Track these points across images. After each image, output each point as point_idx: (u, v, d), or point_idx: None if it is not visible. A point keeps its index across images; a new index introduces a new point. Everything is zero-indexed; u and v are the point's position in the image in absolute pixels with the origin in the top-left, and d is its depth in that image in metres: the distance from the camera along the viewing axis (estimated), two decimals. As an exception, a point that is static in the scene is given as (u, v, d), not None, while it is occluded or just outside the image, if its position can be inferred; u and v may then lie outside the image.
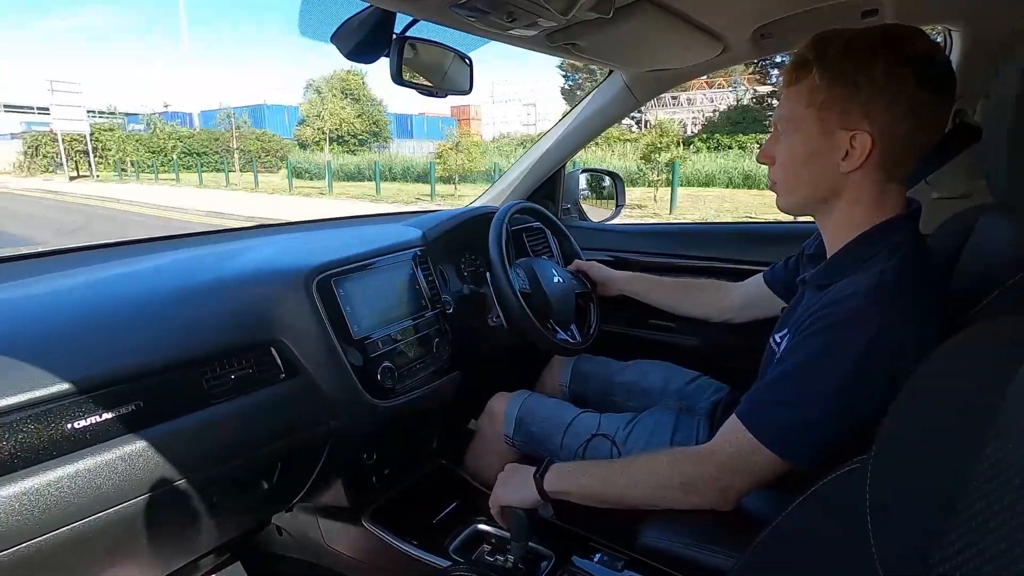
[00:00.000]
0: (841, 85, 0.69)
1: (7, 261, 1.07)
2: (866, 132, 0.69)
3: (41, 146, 26.55)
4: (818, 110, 0.71)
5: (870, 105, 0.68)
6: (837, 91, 0.69)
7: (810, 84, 0.71)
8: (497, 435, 1.17)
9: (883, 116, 0.68)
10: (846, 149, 0.70)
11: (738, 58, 1.24)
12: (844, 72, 0.69)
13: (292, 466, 0.96)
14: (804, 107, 0.72)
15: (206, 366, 0.83)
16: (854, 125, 0.69)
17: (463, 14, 0.82)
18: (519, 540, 0.85)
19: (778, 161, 0.78)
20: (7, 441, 0.64)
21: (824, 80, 0.70)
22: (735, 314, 1.20)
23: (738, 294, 1.20)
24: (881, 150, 0.69)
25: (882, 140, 0.69)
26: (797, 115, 0.73)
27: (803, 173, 0.76)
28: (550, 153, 1.63)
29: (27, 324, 0.77)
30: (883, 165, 0.71)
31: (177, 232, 1.40)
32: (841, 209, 0.76)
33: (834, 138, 0.71)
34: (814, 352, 0.70)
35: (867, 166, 0.71)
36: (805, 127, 0.73)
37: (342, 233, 1.32)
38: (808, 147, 0.74)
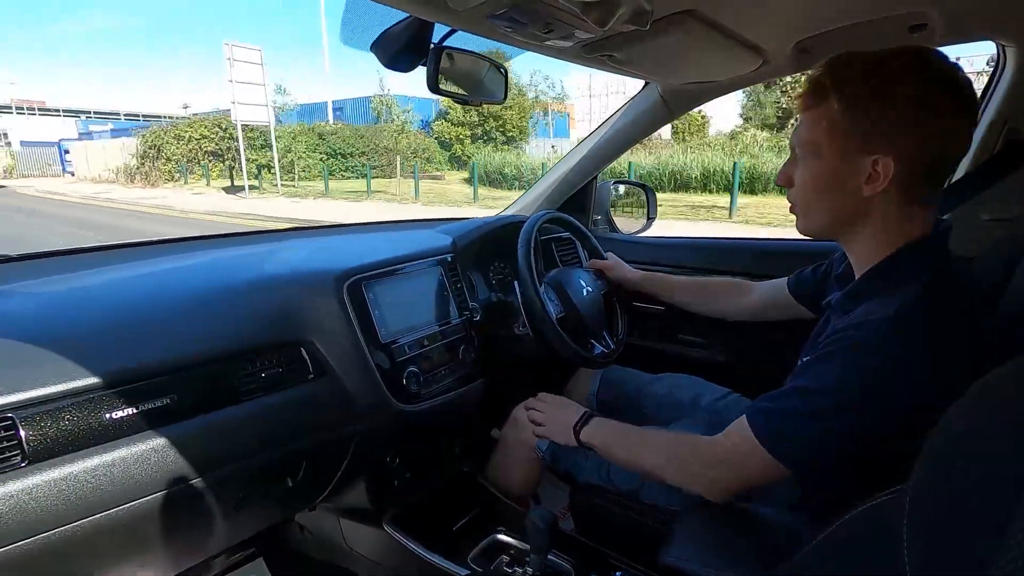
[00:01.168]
0: (862, 111, 0.68)
1: (53, 256, 1.12)
2: (889, 156, 0.67)
3: (165, 146, 20.12)
4: (840, 136, 0.70)
5: (892, 130, 0.67)
6: (859, 117, 0.68)
7: (829, 110, 0.70)
8: (521, 444, 1.16)
9: (905, 140, 0.67)
10: (868, 173, 0.69)
11: (777, 72, 1.22)
12: (864, 98, 0.68)
13: (317, 465, 0.98)
14: (824, 133, 0.71)
15: (238, 363, 0.85)
16: (876, 150, 0.68)
17: (500, 25, 0.83)
18: (539, 553, 0.85)
19: (797, 184, 0.77)
20: (50, 428, 0.67)
21: (844, 106, 0.69)
22: (752, 315, 1.19)
23: (757, 296, 1.19)
24: (903, 173, 0.68)
25: (904, 163, 0.67)
26: (816, 140, 0.72)
27: (824, 198, 0.74)
28: (582, 164, 1.63)
29: (71, 317, 0.81)
30: (906, 187, 0.69)
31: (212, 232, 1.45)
32: (864, 232, 0.74)
33: (855, 163, 0.70)
34: (827, 371, 0.69)
35: (890, 189, 0.69)
36: (825, 152, 0.72)
37: (373, 238, 1.35)
38: (829, 172, 0.72)
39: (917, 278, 0.68)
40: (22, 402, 0.65)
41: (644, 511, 0.99)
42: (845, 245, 0.79)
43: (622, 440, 0.92)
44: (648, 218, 1.78)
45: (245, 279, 0.98)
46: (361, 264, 1.03)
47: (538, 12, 0.77)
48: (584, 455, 1.06)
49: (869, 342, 0.66)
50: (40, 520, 0.64)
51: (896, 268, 0.71)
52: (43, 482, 0.64)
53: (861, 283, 0.75)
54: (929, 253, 0.71)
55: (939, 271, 0.69)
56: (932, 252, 0.71)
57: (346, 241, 1.40)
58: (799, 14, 0.93)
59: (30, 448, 0.65)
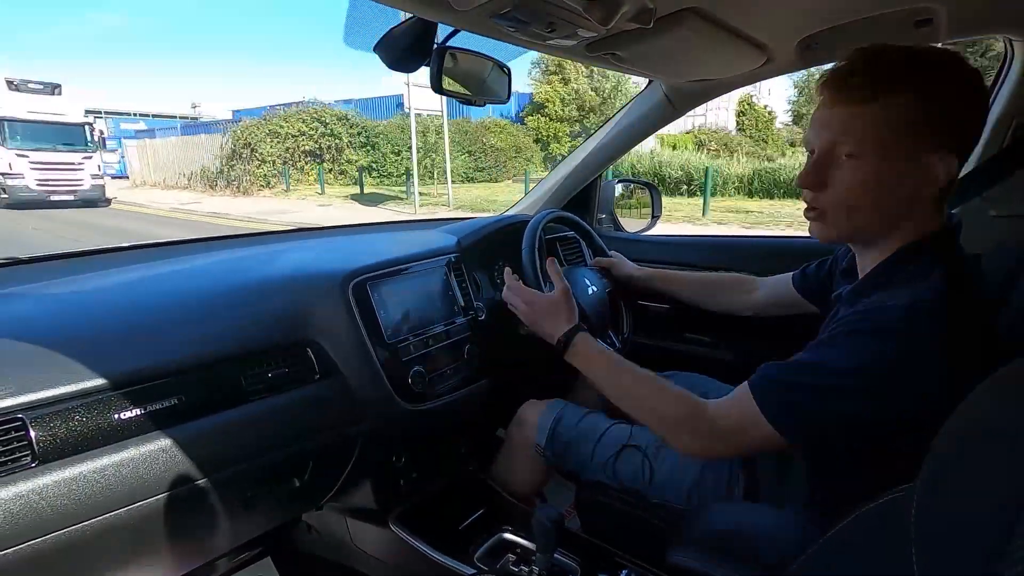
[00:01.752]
0: (939, 106, 0.65)
1: (62, 259, 1.13)
2: (953, 154, 0.66)
3: (259, 144, 16.05)
4: (912, 132, 0.66)
5: (959, 126, 0.67)
6: (935, 113, 0.65)
7: (900, 104, 0.66)
8: (527, 443, 1.16)
9: (962, 135, 0.67)
10: (934, 173, 0.67)
11: (782, 68, 1.21)
12: (940, 92, 0.65)
13: (323, 465, 0.98)
14: (891, 129, 0.66)
15: (245, 364, 0.85)
16: (943, 147, 0.66)
17: (503, 24, 0.83)
18: (545, 552, 0.85)
19: (837, 187, 0.71)
20: (60, 428, 0.67)
21: (920, 100, 0.65)
22: (757, 310, 1.19)
23: (762, 291, 1.19)
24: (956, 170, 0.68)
25: (961, 160, 0.67)
26: (882, 138, 0.67)
27: (877, 200, 0.70)
28: (586, 162, 1.63)
29: (80, 319, 0.82)
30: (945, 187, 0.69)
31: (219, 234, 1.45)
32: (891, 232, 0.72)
33: (922, 162, 0.67)
34: (840, 351, 0.68)
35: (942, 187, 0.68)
36: (891, 151, 0.67)
37: (378, 238, 1.35)
38: (890, 173, 0.68)
39: (930, 273, 0.67)
40: (32, 403, 0.66)
41: (651, 510, 0.99)
42: (855, 244, 0.78)
43: (611, 376, 0.89)
44: (652, 216, 1.78)
45: (251, 280, 0.98)
46: (366, 264, 1.04)
47: (541, 11, 0.77)
48: (590, 454, 1.06)
49: (885, 326, 0.65)
50: (50, 520, 0.65)
51: (908, 262, 0.70)
52: (53, 482, 0.65)
53: (871, 277, 0.74)
54: (940, 248, 0.70)
55: (953, 268, 0.68)
56: (944, 248, 0.70)
57: (351, 242, 1.41)
58: (803, 10, 0.92)
59: (40, 448, 0.65)
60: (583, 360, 0.93)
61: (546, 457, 1.13)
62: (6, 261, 1.05)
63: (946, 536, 0.38)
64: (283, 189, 16.14)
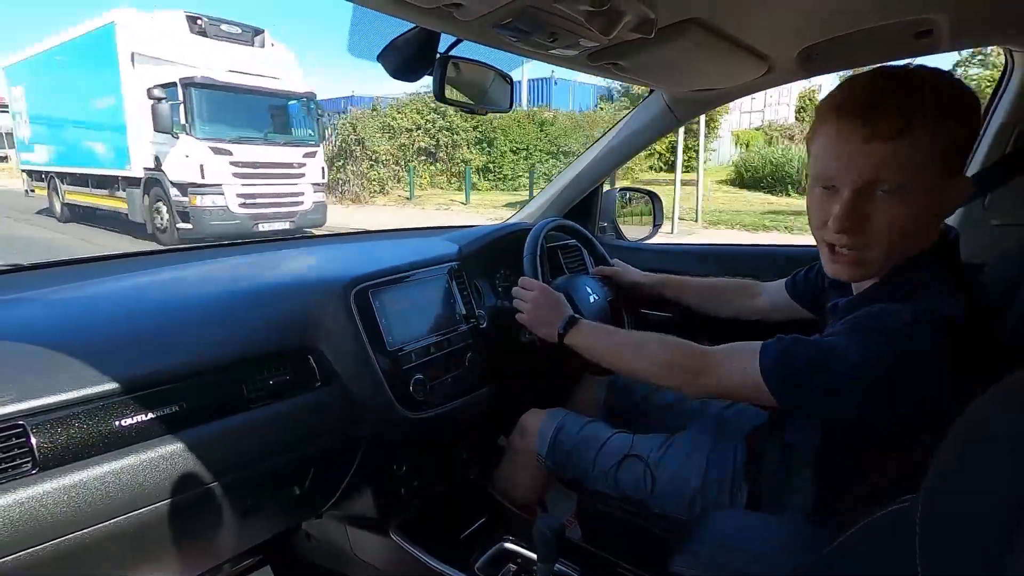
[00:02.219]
0: (961, 130, 0.67)
1: (64, 265, 1.13)
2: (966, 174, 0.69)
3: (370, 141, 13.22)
4: (944, 160, 0.66)
5: (968, 146, 0.68)
6: (960, 136, 0.67)
7: (930, 133, 0.64)
8: (528, 451, 1.16)
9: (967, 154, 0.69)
10: (957, 194, 0.69)
11: (783, 79, 1.22)
12: (955, 115, 0.66)
13: (324, 472, 0.98)
14: (927, 158, 0.65)
15: (246, 370, 0.85)
16: (963, 168, 0.69)
17: (505, 34, 0.83)
18: (546, 562, 0.84)
19: (875, 225, 0.68)
20: (61, 435, 0.67)
21: (943, 127, 0.65)
22: (764, 315, 1.19)
23: (765, 297, 1.19)
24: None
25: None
26: (920, 169, 0.65)
27: (918, 232, 0.69)
28: (588, 171, 1.63)
29: (81, 325, 0.82)
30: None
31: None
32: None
33: (949, 187, 0.68)
34: (841, 340, 0.69)
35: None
36: (929, 180, 0.66)
37: (380, 245, 1.35)
38: (932, 202, 0.67)
39: (933, 285, 0.68)
40: (33, 409, 0.66)
41: (652, 519, 0.98)
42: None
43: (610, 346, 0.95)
44: (654, 225, 1.78)
45: (253, 287, 0.98)
46: (368, 272, 1.04)
47: (543, 22, 0.78)
48: (591, 463, 1.06)
49: (891, 328, 0.66)
50: (50, 527, 0.65)
51: (907, 277, 0.71)
52: (53, 489, 0.65)
53: (870, 291, 0.75)
54: (942, 262, 0.71)
55: (954, 277, 0.69)
56: (945, 260, 0.71)
57: (353, 249, 1.41)
58: (804, 21, 0.93)
59: (41, 455, 0.65)
60: (583, 335, 0.98)
61: (547, 466, 1.13)
62: (9, 268, 1.06)
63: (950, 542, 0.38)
64: (404, 195, 13.30)
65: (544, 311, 1.03)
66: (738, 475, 0.97)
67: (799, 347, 0.72)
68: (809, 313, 1.05)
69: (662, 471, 1.00)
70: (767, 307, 1.17)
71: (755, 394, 0.75)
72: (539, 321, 1.04)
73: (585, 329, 0.98)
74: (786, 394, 0.72)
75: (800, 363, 0.72)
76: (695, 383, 0.82)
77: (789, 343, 0.74)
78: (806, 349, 0.72)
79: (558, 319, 1.00)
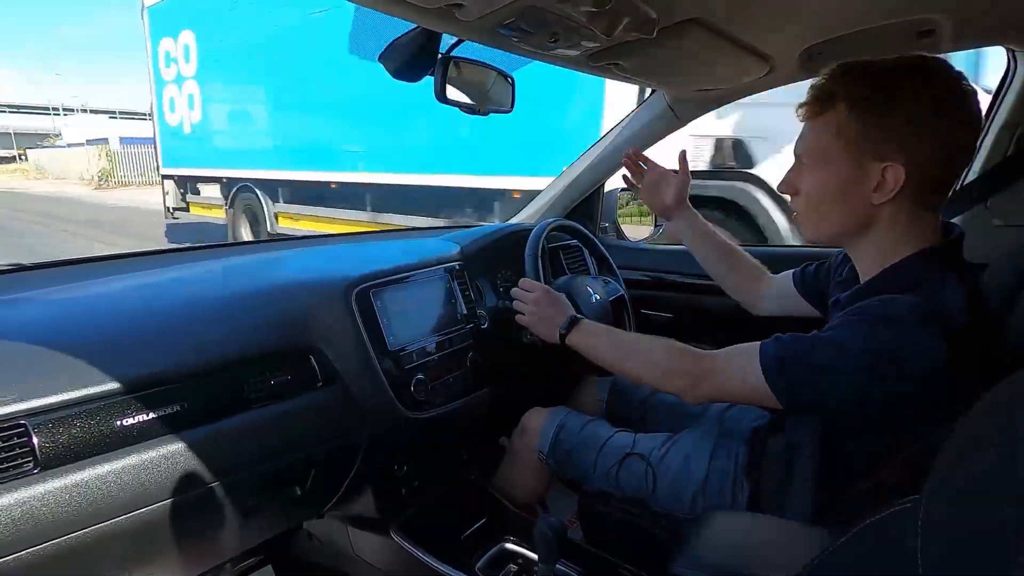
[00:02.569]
0: (874, 117, 0.69)
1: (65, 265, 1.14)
2: (899, 164, 0.68)
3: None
4: (850, 143, 0.71)
5: (903, 136, 0.68)
6: (869, 124, 0.69)
7: (839, 117, 0.71)
8: (529, 451, 1.16)
9: (916, 147, 0.68)
10: (877, 181, 0.70)
11: (784, 79, 1.22)
12: (875, 104, 0.69)
13: (325, 472, 0.98)
14: (833, 139, 0.72)
15: (247, 371, 0.85)
16: (887, 157, 0.69)
17: (507, 35, 0.83)
18: (547, 562, 0.84)
19: (803, 193, 0.78)
20: (61, 435, 0.67)
21: (855, 114, 0.70)
22: (768, 308, 1.13)
23: (773, 291, 1.12)
24: (913, 180, 0.69)
25: (914, 170, 0.68)
26: (825, 147, 0.73)
27: (832, 207, 0.75)
28: (589, 171, 1.63)
29: (83, 325, 0.82)
30: (915, 195, 0.70)
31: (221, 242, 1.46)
32: (871, 239, 0.75)
33: (865, 170, 0.70)
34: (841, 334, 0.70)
35: (899, 197, 0.70)
36: (834, 160, 0.73)
37: (382, 246, 1.35)
38: (838, 180, 0.73)
39: (937, 283, 0.68)
40: (34, 409, 0.66)
41: (653, 519, 0.98)
42: (851, 250, 0.79)
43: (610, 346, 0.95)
44: (656, 225, 1.78)
45: (254, 287, 0.99)
46: (369, 272, 1.04)
47: (545, 22, 0.78)
48: (592, 462, 1.06)
49: (895, 319, 0.66)
50: (51, 526, 0.65)
51: (906, 276, 0.71)
52: (55, 489, 0.65)
53: (869, 288, 0.75)
54: (944, 262, 0.71)
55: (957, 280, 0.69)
56: (947, 261, 0.71)
57: (355, 249, 1.41)
58: (805, 21, 0.93)
59: (42, 455, 0.65)
60: (584, 336, 0.97)
61: (549, 464, 1.13)
62: (10, 267, 1.06)
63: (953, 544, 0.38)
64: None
65: (545, 312, 1.03)
66: (739, 475, 0.97)
67: (798, 345, 0.73)
68: (814, 310, 1.03)
69: (664, 470, 1.00)
70: (772, 295, 1.11)
71: (757, 397, 0.74)
72: (540, 322, 1.03)
73: (587, 330, 0.98)
74: (788, 393, 0.72)
75: (800, 360, 0.72)
76: (696, 389, 0.82)
77: (788, 341, 0.74)
78: (805, 346, 0.72)
79: (559, 320, 1.00)
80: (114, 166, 19.45)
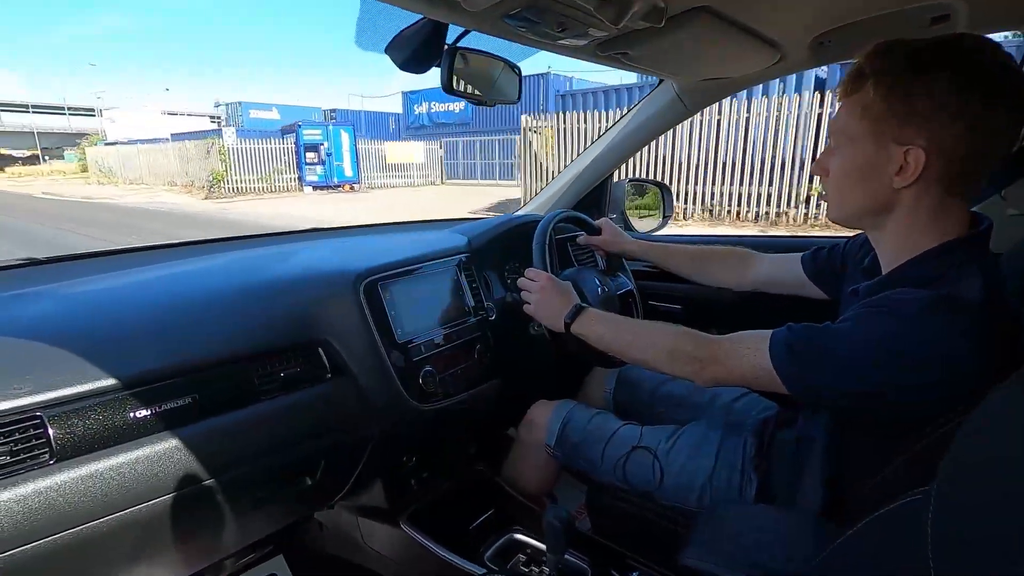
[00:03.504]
0: (898, 98, 0.66)
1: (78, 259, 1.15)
2: (920, 148, 0.66)
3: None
4: (872, 123, 0.69)
5: (929, 120, 0.65)
6: (894, 105, 0.67)
7: (865, 97, 0.69)
8: (536, 443, 1.16)
9: (942, 132, 0.65)
10: (900, 164, 0.68)
11: (796, 66, 1.20)
12: (902, 85, 0.66)
13: (335, 464, 0.99)
14: (858, 120, 0.70)
15: (257, 363, 0.86)
16: (908, 140, 0.67)
17: (514, 25, 0.83)
18: (555, 552, 0.85)
19: (831, 173, 0.77)
20: (77, 426, 0.68)
21: (879, 93, 0.68)
22: (758, 285, 1.14)
23: (763, 268, 1.14)
24: (939, 166, 0.66)
25: (940, 156, 0.66)
26: (851, 128, 0.72)
27: (855, 187, 0.74)
28: (597, 163, 1.62)
29: (96, 318, 0.83)
30: (942, 181, 0.67)
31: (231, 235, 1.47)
32: (896, 225, 0.72)
33: (887, 152, 0.69)
34: (854, 326, 0.69)
35: (923, 182, 0.68)
36: (859, 140, 0.71)
37: (390, 238, 1.36)
38: (861, 161, 0.72)
39: (957, 280, 0.66)
40: (50, 401, 0.67)
41: (661, 511, 0.98)
42: (874, 237, 0.78)
43: (612, 330, 0.95)
44: (663, 216, 1.77)
45: (264, 280, 0.99)
46: (377, 264, 1.04)
47: (552, 11, 0.77)
48: (600, 455, 1.06)
49: (906, 310, 0.65)
50: (68, 516, 0.66)
51: (931, 267, 0.69)
52: (70, 479, 0.66)
53: (891, 278, 0.73)
54: (969, 253, 0.68)
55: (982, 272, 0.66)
56: (973, 252, 0.69)
57: (363, 242, 1.41)
58: (816, 8, 0.91)
59: (58, 446, 0.67)
60: (589, 324, 0.97)
61: (556, 456, 1.13)
62: (24, 262, 1.07)
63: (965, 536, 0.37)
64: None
65: (551, 300, 1.03)
66: (747, 467, 0.96)
67: (809, 333, 0.72)
68: (815, 291, 1.03)
69: (671, 463, 1.00)
70: (763, 279, 1.13)
71: (766, 382, 0.74)
72: (546, 311, 1.03)
73: (592, 317, 0.98)
74: (797, 381, 0.72)
75: (810, 349, 0.71)
76: (704, 372, 0.81)
77: (800, 330, 0.73)
78: (817, 336, 0.71)
79: (565, 308, 1.00)
80: (227, 168, 14.53)
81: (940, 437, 0.60)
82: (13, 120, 39.46)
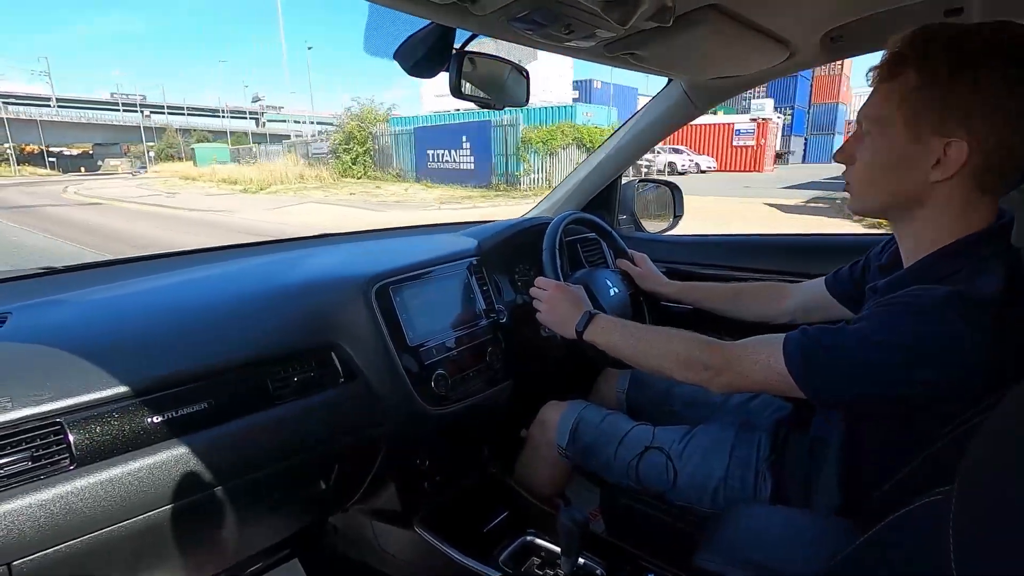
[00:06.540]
0: (942, 88, 0.63)
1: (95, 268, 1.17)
2: (963, 140, 0.63)
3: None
4: (911, 112, 0.66)
5: (972, 112, 0.62)
6: (936, 94, 0.64)
7: (905, 83, 0.66)
8: (548, 444, 1.16)
9: (985, 125, 0.62)
10: (938, 157, 0.65)
11: (806, 63, 1.19)
12: (944, 74, 0.63)
13: (348, 467, 0.99)
14: (896, 108, 0.67)
15: (271, 368, 0.87)
16: (950, 132, 0.64)
17: (521, 28, 0.83)
18: (569, 555, 0.84)
19: (859, 162, 0.74)
20: (97, 432, 0.69)
21: (922, 81, 0.64)
22: (793, 316, 1.13)
23: (797, 298, 1.13)
24: (977, 160, 0.64)
25: (980, 150, 0.63)
26: (887, 115, 0.68)
27: (886, 178, 0.71)
28: (606, 163, 1.62)
29: (113, 325, 0.84)
30: (976, 176, 0.65)
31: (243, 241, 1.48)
32: (922, 219, 0.70)
33: (926, 144, 0.66)
34: (869, 325, 0.68)
35: (959, 176, 0.65)
36: (894, 130, 0.68)
37: (400, 242, 1.36)
38: (895, 151, 0.69)
39: (978, 273, 0.65)
40: (70, 407, 0.68)
41: (675, 513, 0.98)
42: (898, 229, 0.76)
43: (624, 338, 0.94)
44: (674, 216, 1.76)
45: (276, 286, 1.00)
46: (388, 268, 1.05)
47: (559, 13, 0.77)
48: (612, 456, 1.05)
49: (923, 306, 0.64)
50: (88, 520, 0.67)
51: (953, 260, 0.68)
52: (90, 484, 0.67)
53: (912, 272, 0.72)
54: (990, 246, 0.67)
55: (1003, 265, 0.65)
56: (994, 245, 0.67)
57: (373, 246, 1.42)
58: (826, 3, 0.90)
59: (78, 452, 0.68)
60: (602, 330, 0.96)
61: (568, 457, 1.13)
62: (42, 271, 1.09)
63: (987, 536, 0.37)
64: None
65: (561, 308, 1.03)
66: (762, 468, 0.95)
67: (823, 336, 0.71)
68: (849, 312, 1.00)
69: (684, 464, 1.00)
70: (796, 308, 1.12)
71: (780, 386, 0.73)
72: (557, 319, 1.03)
73: (604, 325, 0.97)
74: (811, 383, 0.70)
75: (825, 351, 0.70)
76: (718, 379, 0.80)
77: (814, 334, 0.72)
78: (830, 337, 0.70)
79: (576, 316, 0.99)
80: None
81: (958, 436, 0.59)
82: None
